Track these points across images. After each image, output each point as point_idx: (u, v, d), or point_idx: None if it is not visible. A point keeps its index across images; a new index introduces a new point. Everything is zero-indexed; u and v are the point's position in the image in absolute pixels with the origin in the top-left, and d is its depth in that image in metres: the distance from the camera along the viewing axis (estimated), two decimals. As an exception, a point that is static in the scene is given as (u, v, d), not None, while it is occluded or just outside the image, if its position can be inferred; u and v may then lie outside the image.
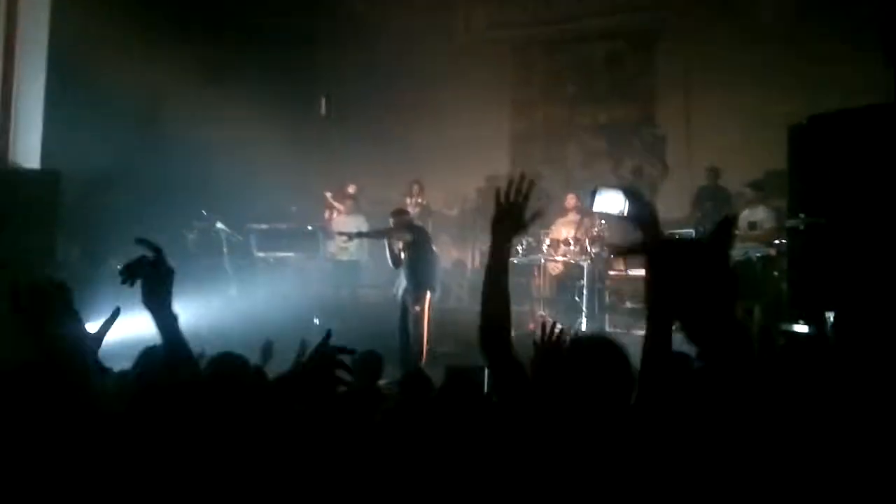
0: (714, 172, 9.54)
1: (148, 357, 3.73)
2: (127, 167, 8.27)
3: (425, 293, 7.53)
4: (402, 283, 7.56)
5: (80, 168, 7.26)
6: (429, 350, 7.44)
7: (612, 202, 2.23)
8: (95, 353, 4.18)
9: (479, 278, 8.23)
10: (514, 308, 2.34)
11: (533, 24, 12.09)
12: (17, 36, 7.37)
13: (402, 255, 7.55)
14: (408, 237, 7.54)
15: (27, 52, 7.41)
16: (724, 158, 9.98)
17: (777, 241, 7.55)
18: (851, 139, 5.64)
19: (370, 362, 4.57)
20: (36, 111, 7.44)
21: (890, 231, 5.18)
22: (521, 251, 8.66)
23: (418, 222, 8.71)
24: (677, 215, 9.95)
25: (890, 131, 5.65)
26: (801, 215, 5.89)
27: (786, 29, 10.02)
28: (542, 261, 8.64)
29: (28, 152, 7.38)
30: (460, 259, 10.59)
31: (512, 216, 2.23)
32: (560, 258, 8.48)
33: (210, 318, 7.59)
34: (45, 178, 7.06)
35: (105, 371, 4.16)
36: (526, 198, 2.24)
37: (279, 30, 11.71)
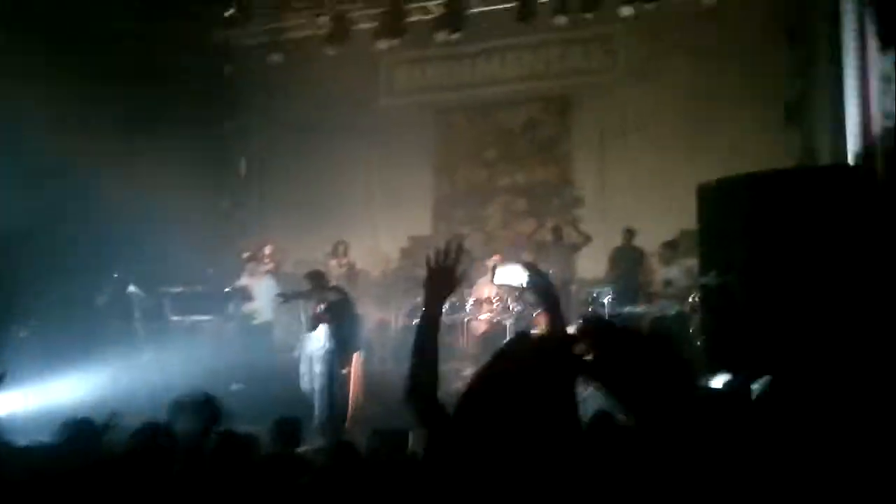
0: (629, 234, 9.87)
1: (69, 430, 3.53)
2: (31, 227, 7.89)
3: (352, 355, 7.41)
4: (319, 345, 7.39)
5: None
6: (353, 414, 7.26)
7: (512, 275, 2.40)
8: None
9: (403, 339, 8.18)
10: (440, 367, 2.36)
11: (454, 89, 12.34)
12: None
13: (323, 318, 7.41)
14: (331, 297, 7.44)
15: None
16: (640, 218, 10.32)
17: (691, 299, 7.81)
18: (757, 201, 5.95)
19: (287, 427, 4.45)
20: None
21: (796, 286, 5.45)
22: (444, 310, 8.63)
23: (340, 283, 8.61)
24: (595, 275, 10.21)
25: (793, 194, 6.01)
26: (712, 272, 6.13)
27: (696, 91, 10.57)
28: (466, 320, 8.66)
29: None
30: (384, 320, 10.46)
31: (443, 276, 2.28)
32: (484, 317, 8.52)
33: (121, 384, 7.24)
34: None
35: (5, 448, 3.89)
36: (456, 260, 2.30)
37: (196, 89, 11.59)
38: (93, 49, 9.53)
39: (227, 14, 11.28)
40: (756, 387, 4.33)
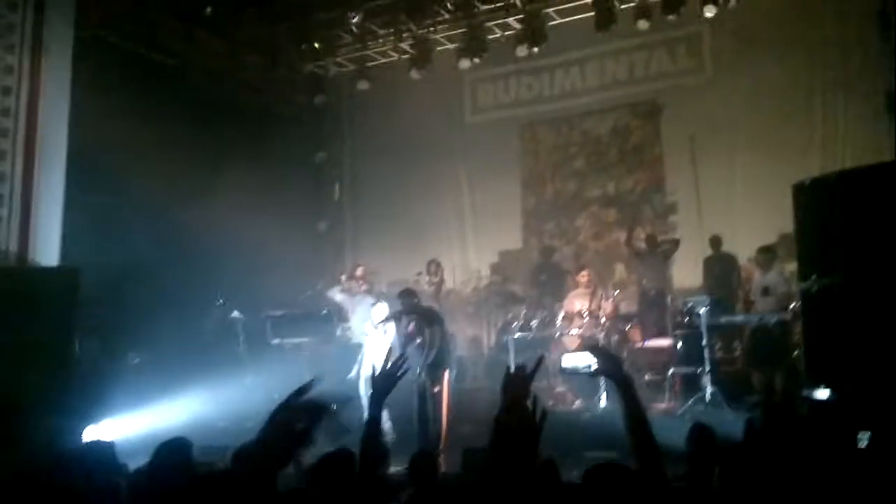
0: (716, 241, 9.58)
1: (162, 453, 3.75)
2: (144, 260, 8.43)
3: (443, 373, 7.50)
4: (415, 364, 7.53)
5: (98, 263, 7.41)
6: (448, 431, 7.34)
7: (580, 361, 2.42)
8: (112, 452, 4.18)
9: (496, 356, 8.19)
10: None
11: (537, 102, 12.34)
12: (36, 138, 7.67)
13: (416, 337, 7.54)
14: (421, 315, 7.58)
15: (47, 153, 7.70)
16: (735, 222, 10.02)
17: (793, 306, 7.48)
18: (856, 199, 5.66)
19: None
20: (55, 211, 7.67)
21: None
22: (535, 325, 8.65)
23: (431, 302, 8.74)
24: (691, 283, 9.94)
25: (893, 190, 5.68)
26: (813, 277, 5.86)
27: (788, 87, 10.19)
28: (558, 334, 8.60)
29: (47, 250, 7.57)
30: (476, 337, 10.53)
31: (519, 383, 2.30)
32: (575, 331, 8.44)
33: (227, 407, 7.60)
34: (64, 275, 7.22)
35: (120, 469, 4.18)
36: (534, 372, 2.30)
37: (288, 117, 12.11)
38: (193, 91, 10.14)
39: (314, 46, 11.69)
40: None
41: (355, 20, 11.20)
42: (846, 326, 5.53)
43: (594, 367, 2.43)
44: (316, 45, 11.78)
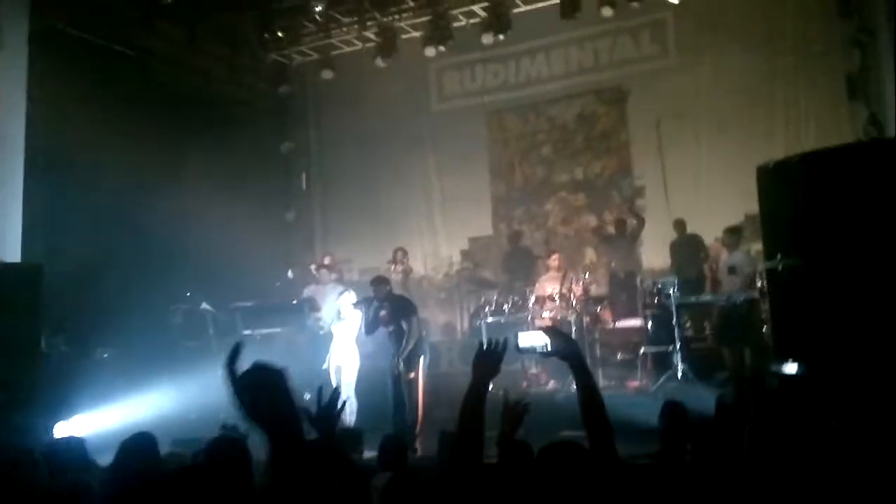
0: (680, 224, 9.72)
1: (126, 449, 3.70)
2: (109, 255, 8.30)
3: (417, 360, 7.51)
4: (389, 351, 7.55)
5: (63, 258, 7.29)
6: (424, 417, 7.37)
7: (534, 340, 2.49)
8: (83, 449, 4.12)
9: (469, 341, 8.21)
10: (505, 367, 2.54)
11: (504, 90, 12.35)
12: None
13: (389, 324, 7.55)
14: (393, 301, 7.60)
15: (3, 148, 7.52)
16: (702, 204, 10.15)
17: (759, 284, 7.62)
18: (818, 180, 5.77)
19: (349, 436, 4.58)
20: (14, 206, 7.51)
21: (863, 267, 5.27)
22: (507, 309, 8.70)
23: (400, 290, 8.74)
24: (660, 265, 10.07)
25: (858, 170, 5.80)
26: (778, 256, 5.97)
27: (752, 71, 10.33)
28: (530, 317, 8.66)
29: (8, 246, 7.41)
30: (449, 322, 10.58)
31: (489, 360, 2.48)
32: (547, 314, 8.51)
33: (199, 400, 7.52)
34: (27, 272, 7.07)
35: (90, 466, 4.12)
36: (503, 350, 2.49)
37: (252, 107, 11.98)
38: (155, 83, 9.99)
39: (277, 35, 11.56)
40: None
41: (319, 8, 11.10)
42: (811, 303, 5.66)
43: (547, 346, 2.49)
44: (279, 34, 11.66)
